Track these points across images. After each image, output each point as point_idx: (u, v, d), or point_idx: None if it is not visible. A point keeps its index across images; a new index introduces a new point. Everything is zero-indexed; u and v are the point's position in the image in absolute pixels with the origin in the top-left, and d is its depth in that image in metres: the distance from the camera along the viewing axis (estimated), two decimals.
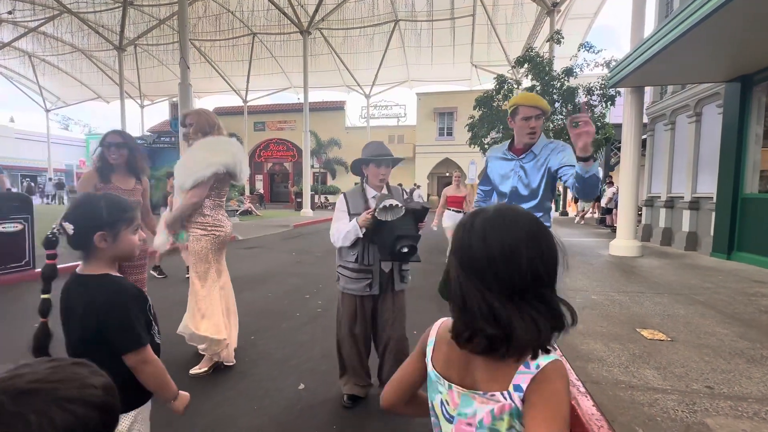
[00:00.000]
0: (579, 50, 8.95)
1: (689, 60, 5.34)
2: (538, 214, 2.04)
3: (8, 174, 27.29)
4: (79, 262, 1.11)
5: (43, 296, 1.03)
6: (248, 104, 25.26)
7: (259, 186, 27.96)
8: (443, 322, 0.74)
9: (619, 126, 7.69)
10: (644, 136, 9.59)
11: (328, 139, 25.48)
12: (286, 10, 16.90)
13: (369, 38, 21.25)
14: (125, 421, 1.06)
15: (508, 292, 0.59)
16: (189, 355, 2.73)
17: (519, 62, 9.64)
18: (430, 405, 0.74)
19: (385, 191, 2.14)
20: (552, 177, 2.04)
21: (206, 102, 29.53)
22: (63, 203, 21.57)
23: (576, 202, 17.28)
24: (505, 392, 0.62)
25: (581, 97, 9.35)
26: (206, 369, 2.48)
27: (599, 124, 9.35)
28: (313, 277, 5.46)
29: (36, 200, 24.51)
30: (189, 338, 2.50)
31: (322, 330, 3.37)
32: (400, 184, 4.13)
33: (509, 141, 2.25)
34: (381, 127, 26.96)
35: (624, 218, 6.76)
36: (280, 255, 7.36)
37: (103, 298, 1.03)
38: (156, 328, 1.16)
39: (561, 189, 20.55)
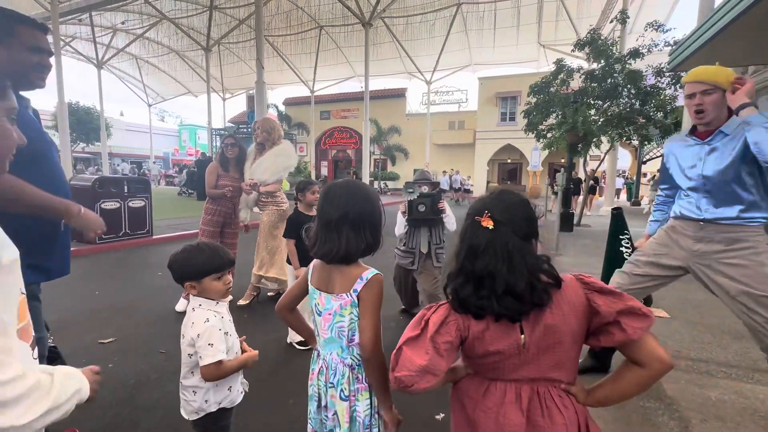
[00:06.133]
0: (645, 30, 8.43)
1: None
2: (739, 207, 1.66)
3: (125, 160, 32.28)
4: None
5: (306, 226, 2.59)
6: (315, 94, 26.82)
7: (324, 172, 29.71)
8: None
9: None
10: None
11: (389, 126, 26.16)
12: (348, 3, 17.63)
13: (430, 24, 21.28)
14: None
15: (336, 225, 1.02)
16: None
17: (579, 45, 9.32)
18: (311, 308, 1.11)
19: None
20: (755, 161, 1.58)
21: (277, 93, 31.79)
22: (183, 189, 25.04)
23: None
24: (348, 293, 1.02)
25: (649, 80, 8.84)
26: (249, 301, 3.52)
27: (669, 108, 8.79)
28: None
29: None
30: (257, 281, 3.47)
31: None
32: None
33: (691, 126, 1.84)
34: (441, 114, 26.90)
35: None
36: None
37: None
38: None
39: (633, 176, 19.07)
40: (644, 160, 18.17)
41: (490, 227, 0.86)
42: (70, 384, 0.70)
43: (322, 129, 29.56)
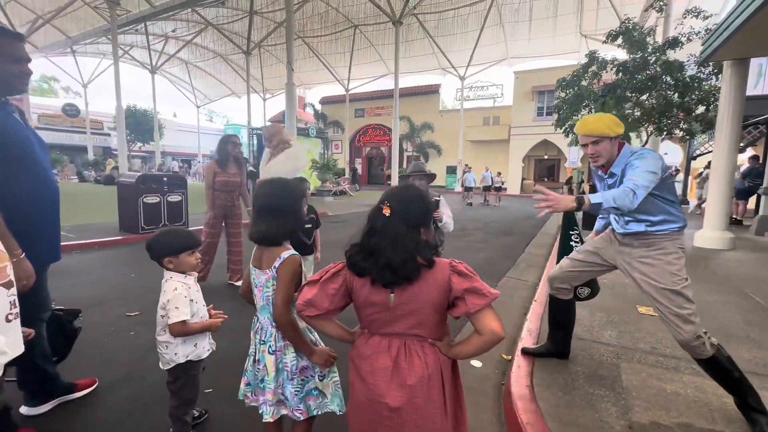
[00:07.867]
0: (684, 17, 7.92)
1: None
2: (645, 224, 1.89)
3: (175, 159, 34.75)
4: None
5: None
6: (349, 92, 27.39)
7: (358, 168, 30.27)
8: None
9: (750, 100, 6.75)
10: None
11: (422, 123, 26.17)
12: (379, 2, 17.83)
13: (464, 18, 21.01)
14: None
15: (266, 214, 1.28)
16: None
17: (612, 36, 8.92)
18: (250, 281, 1.37)
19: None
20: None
21: (314, 92, 32.61)
22: None
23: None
24: (270, 269, 1.28)
25: (689, 70, 8.30)
26: None
27: (713, 99, 8.21)
28: None
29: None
30: None
31: None
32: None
33: None
34: (475, 109, 26.46)
35: (714, 207, 6.15)
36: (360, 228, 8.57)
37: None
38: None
39: (682, 175, 17.78)
40: (694, 155, 16.88)
41: (387, 214, 1.08)
42: None
43: (357, 126, 30.10)
